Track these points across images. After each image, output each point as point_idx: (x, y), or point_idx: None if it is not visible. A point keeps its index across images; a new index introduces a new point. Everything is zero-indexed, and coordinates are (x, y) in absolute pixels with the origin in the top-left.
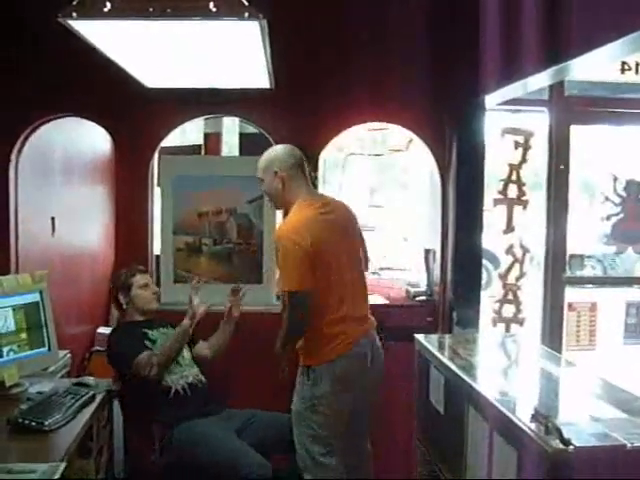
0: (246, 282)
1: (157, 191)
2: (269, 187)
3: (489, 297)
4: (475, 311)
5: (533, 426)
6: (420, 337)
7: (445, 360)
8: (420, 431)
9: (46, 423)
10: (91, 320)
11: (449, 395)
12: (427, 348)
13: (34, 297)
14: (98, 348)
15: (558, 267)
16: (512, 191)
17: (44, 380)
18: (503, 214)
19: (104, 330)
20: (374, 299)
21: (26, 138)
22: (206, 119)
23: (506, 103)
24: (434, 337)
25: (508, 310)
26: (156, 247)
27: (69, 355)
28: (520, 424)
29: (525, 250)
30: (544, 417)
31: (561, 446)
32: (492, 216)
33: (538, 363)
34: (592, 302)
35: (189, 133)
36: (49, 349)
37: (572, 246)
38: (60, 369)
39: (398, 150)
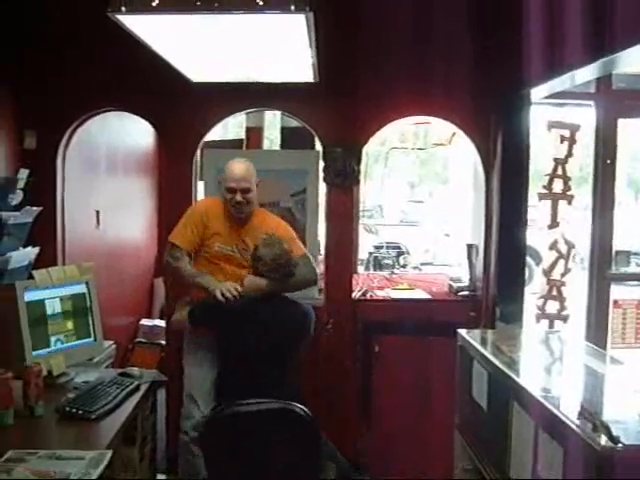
0: None
1: (200, 185)
2: (254, 194)
3: (531, 294)
4: (518, 307)
5: (580, 423)
6: (463, 332)
7: (489, 355)
8: (462, 426)
9: (92, 412)
10: (134, 312)
11: (492, 391)
12: (470, 343)
13: (81, 288)
14: (141, 340)
15: (603, 263)
16: (557, 186)
17: (90, 370)
18: (547, 209)
19: (147, 322)
20: (417, 294)
21: (73, 132)
22: (248, 113)
23: (552, 96)
24: (477, 332)
25: (552, 306)
26: None
27: (114, 346)
28: (567, 421)
29: (570, 246)
30: (592, 414)
31: (610, 444)
32: (534, 212)
33: (583, 360)
34: (638, 299)
35: (231, 128)
36: (95, 339)
37: (618, 242)
38: (105, 359)
39: (441, 144)
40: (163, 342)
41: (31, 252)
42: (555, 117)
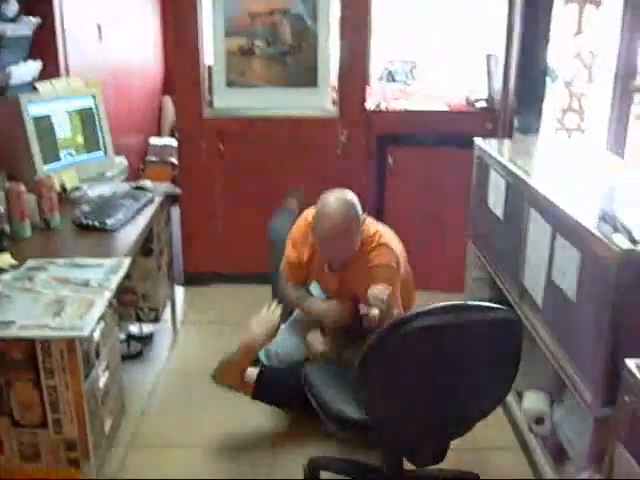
0: (301, 85)
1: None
2: (351, 241)
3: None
4: (537, 118)
5: (601, 226)
6: (479, 141)
7: (507, 163)
8: (475, 236)
9: (108, 223)
10: (143, 131)
11: (509, 199)
12: (487, 152)
13: (87, 102)
14: (152, 158)
15: (628, 76)
16: None
17: (103, 184)
18: (574, 15)
19: (157, 141)
20: (432, 105)
21: None
22: None
23: None
24: (494, 141)
25: (571, 120)
26: (206, 55)
27: (126, 162)
28: (587, 225)
29: (594, 55)
30: (612, 217)
31: (631, 246)
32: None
33: (603, 168)
34: None
35: None
36: (105, 153)
37: None
38: (117, 175)
39: None
40: (174, 160)
41: (33, 66)
42: None
